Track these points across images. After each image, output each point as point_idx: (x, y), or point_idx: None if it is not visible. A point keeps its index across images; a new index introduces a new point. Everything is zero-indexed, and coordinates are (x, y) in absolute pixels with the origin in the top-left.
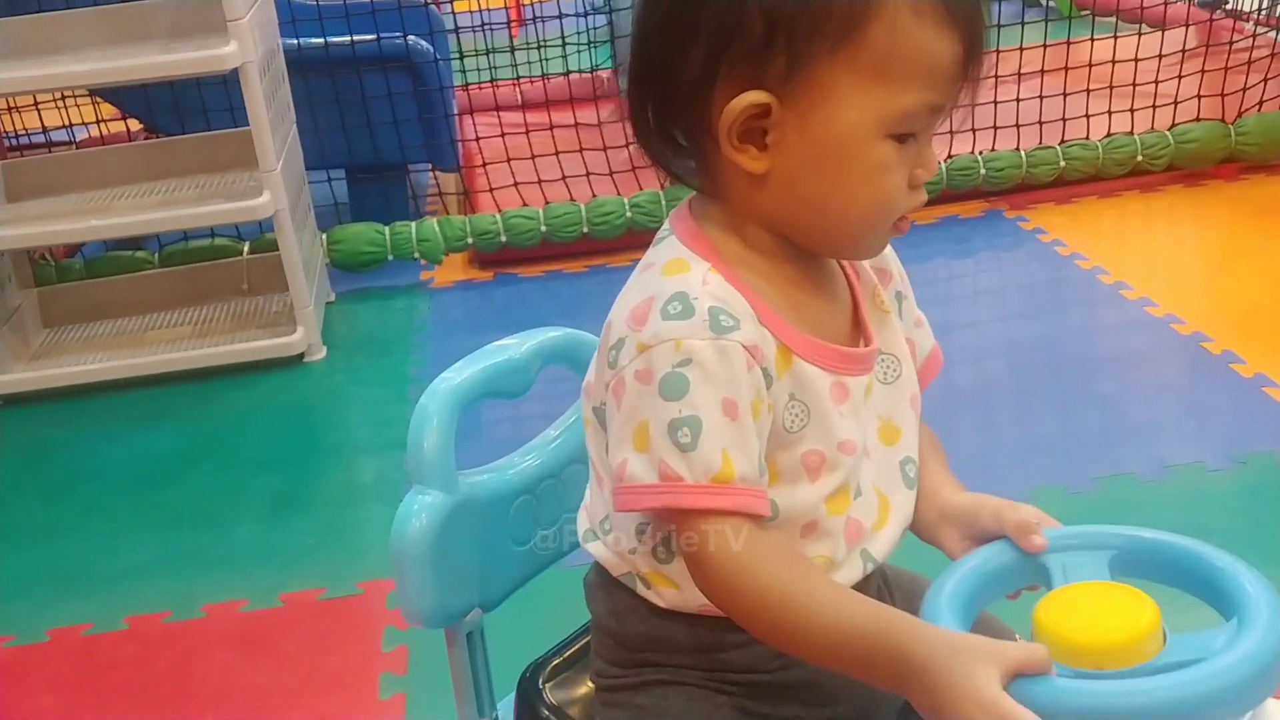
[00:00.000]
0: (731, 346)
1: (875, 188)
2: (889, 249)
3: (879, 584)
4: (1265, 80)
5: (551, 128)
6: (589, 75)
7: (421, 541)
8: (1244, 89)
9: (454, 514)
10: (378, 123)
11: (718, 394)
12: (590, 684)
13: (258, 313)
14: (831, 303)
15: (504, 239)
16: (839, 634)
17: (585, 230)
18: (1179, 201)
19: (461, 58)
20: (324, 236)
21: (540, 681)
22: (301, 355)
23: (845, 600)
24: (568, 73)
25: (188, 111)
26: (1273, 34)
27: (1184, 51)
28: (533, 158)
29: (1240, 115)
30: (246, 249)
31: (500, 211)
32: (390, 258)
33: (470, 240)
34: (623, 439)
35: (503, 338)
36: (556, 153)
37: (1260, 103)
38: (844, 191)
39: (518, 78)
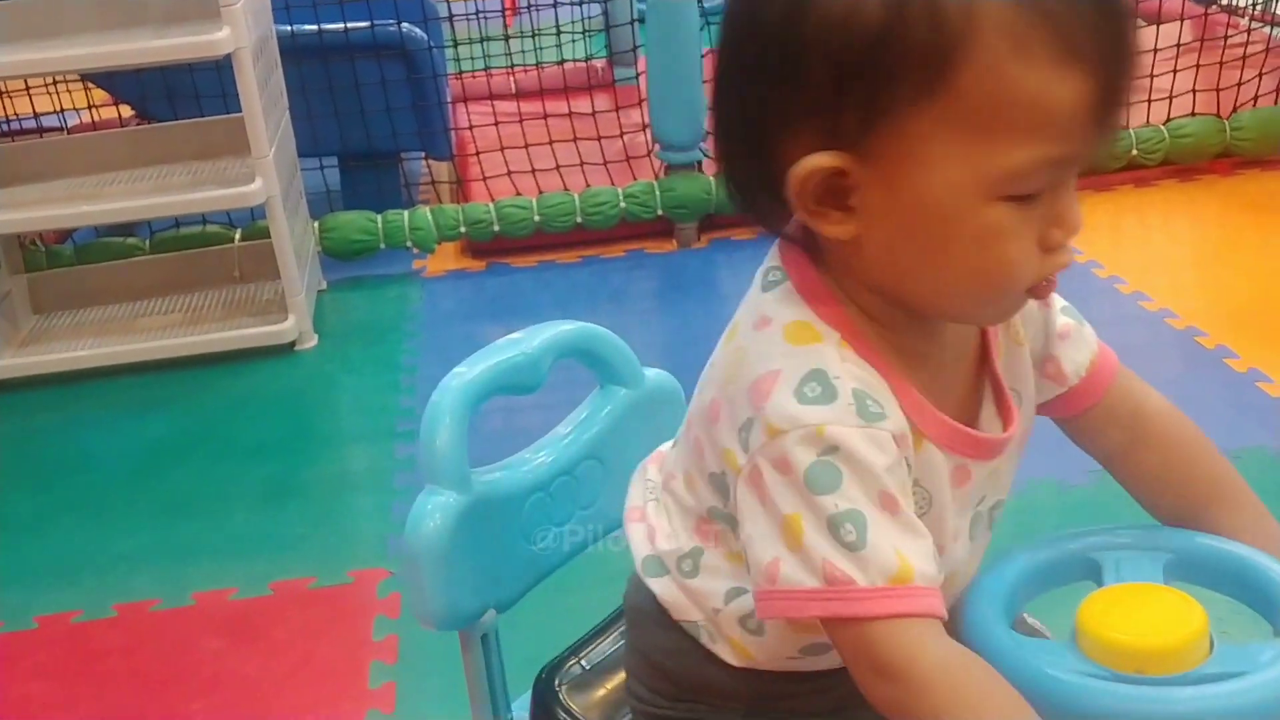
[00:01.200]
0: (883, 436)
1: (990, 256)
2: None
3: None
4: (1260, 75)
5: (545, 117)
6: (583, 64)
7: (436, 542)
8: (1239, 84)
9: (468, 513)
10: (371, 110)
11: (873, 487)
12: (607, 687)
13: (249, 300)
14: (958, 358)
15: (497, 228)
16: None
17: (579, 220)
18: (1173, 196)
19: (455, 46)
20: (316, 224)
21: (556, 684)
22: (293, 343)
23: None
24: (562, 61)
25: (180, 97)
26: (1268, 29)
27: (1179, 46)
28: (526, 147)
29: (1235, 110)
30: (238, 236)
31: (493, 201)
32: (382, 246)
33: (463, 229)
34: (767, 535)
35: (495, 327)
36: (550, 142)
37: (1255, 98)
38: (952, 262)
39: (512, 66)
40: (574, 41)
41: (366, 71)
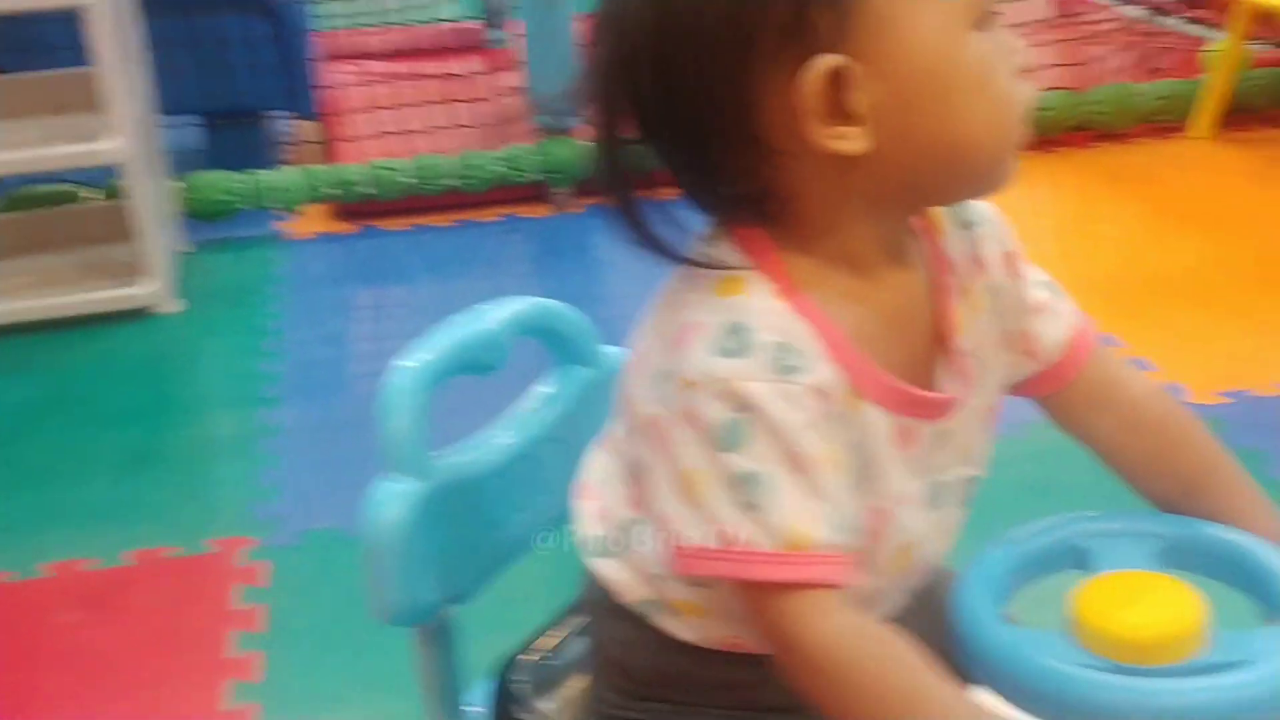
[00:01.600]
0: (797, 391)
1: (991, 91)
2: (992, 216)
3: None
4: (1115, 51)
5: (417, 78)
6: (458, 25)
7: (395, 534)
8: (1096, 59)
9: (427, 502)
10: (234, 66)
11: (784, 447)
12: (571, 684)
13: (105, 262)
14: (910, 318)
15: (369, 190)
16: None
17: (453, 183)
18: (1033, 167)
19: (323, 1)
20: (177, 184)
21: (518, 678)
22: (152, 307)
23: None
24: (436, 21)
25: (31, 49)
26: (1122, 8)
27: (1040, 22)
28: (398, 108)
29: (1092, 85)
30: (93, 195)
31: (365, 162)
32: (247, 207)
33: (333, 191)
34: (667, 490)
35: (367, 291)
36: (423, 103)
37: (1111, 73)
38: (964, 113)
39: (384, 24)
40: (449, 1)
41: (230, 26)
